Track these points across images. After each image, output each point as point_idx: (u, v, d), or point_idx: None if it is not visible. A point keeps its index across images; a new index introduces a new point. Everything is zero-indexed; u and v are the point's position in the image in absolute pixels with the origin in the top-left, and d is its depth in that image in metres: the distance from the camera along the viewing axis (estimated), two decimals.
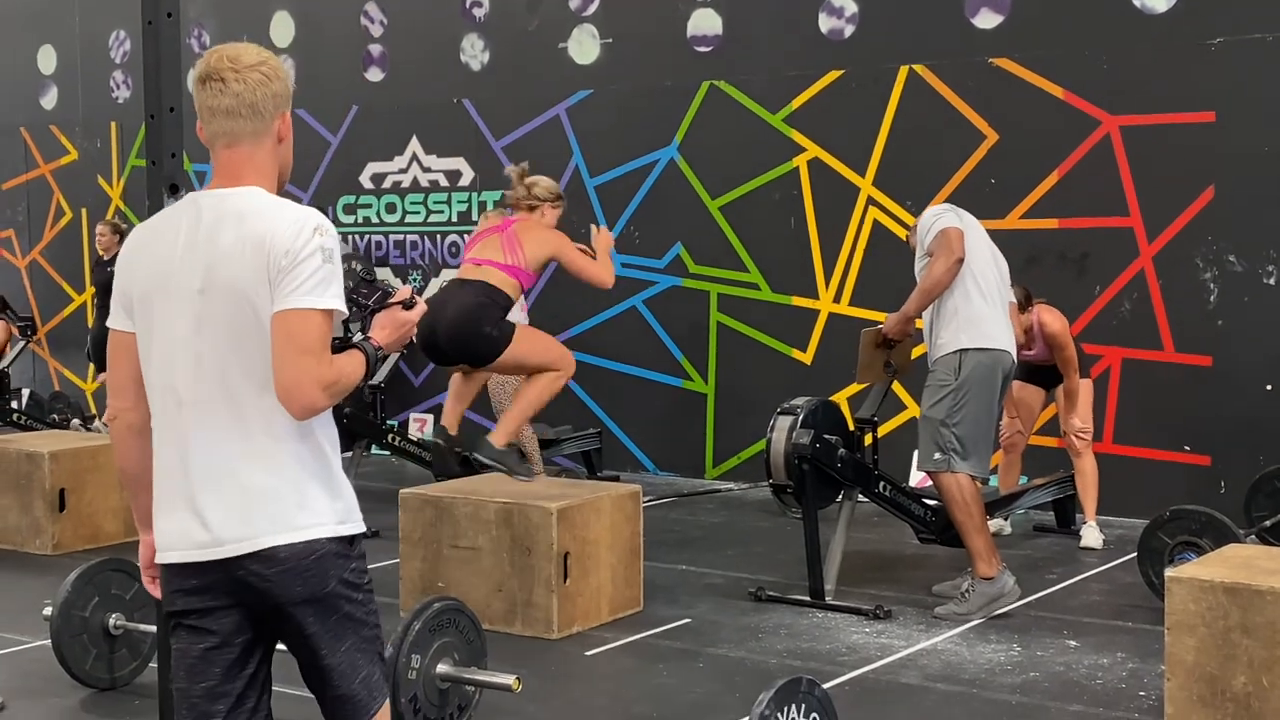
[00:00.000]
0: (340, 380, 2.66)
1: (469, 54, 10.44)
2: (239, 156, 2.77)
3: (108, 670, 5.05)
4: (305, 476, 2.70)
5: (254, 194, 2.74)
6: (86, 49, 12.60)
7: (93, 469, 7.59)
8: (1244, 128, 7.71)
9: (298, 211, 2.70)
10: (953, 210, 6.16)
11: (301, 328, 2.61)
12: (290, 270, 2.63)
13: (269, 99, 2.76)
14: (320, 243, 2.66)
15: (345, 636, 2.74)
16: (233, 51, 2.76)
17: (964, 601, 5.92)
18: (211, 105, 2.75)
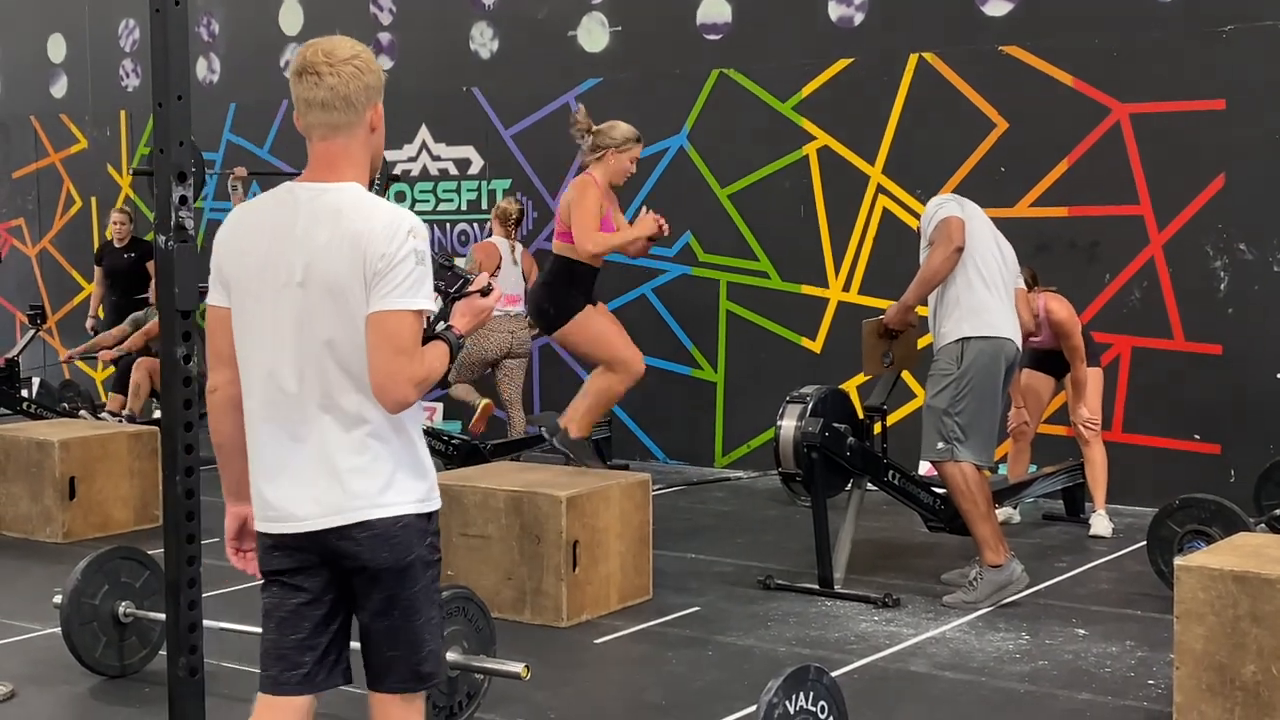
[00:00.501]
0: (430, 375, 2.84)
1: (478, 42, 10.43)
2: (335, 148, 2.88)
3: (118, 658, 5.07)
4: (394, 461, 2.87)
5: (350, 191, 2.86)
6: (96, 38, 12.61)
7: (103, 457, 7.61)
8: (1255, 115, 7.69)
9: (392, 213, 2.83)
10: (955, 200, 6.14)
11: (395, 328, 2.77)
12: (386, 273, 2.77)
13: (362, 91, 2.87)
14: (414, 246, 2.79)
15: (418, 606, 2.92)
16: (328, 45, 2.89)
17: (972, 590, 5.92)
18: (307, 98, 2.87)
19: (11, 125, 13.28)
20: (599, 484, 5.97)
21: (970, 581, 5.96)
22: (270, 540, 2.93)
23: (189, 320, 3.39)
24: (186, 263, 3.39)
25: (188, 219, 3.39)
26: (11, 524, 7.61)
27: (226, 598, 6.10)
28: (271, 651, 2.95)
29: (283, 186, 2.92)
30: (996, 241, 6.16)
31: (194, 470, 3.48)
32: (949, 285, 5.98)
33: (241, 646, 5.15)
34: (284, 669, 2.94)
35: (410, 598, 2.91)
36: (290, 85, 2.92)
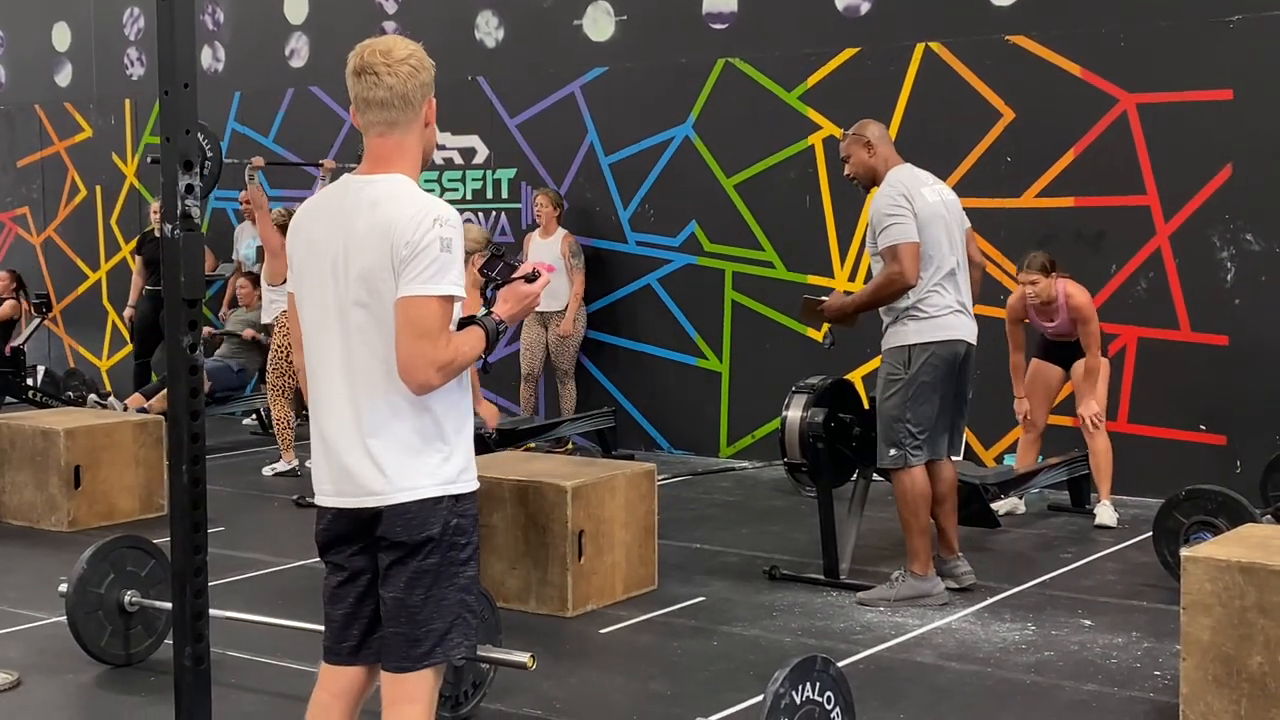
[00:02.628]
0: (456, 359, 2.93)
1: (483, 31, 10.41)
2: (389, 144, 3.03)
3: (123, 647, 5.07)
4: (421, 442, 2.98)
5: (392, 182, 2.99)
6: (101, 26, 12.60)
7: (108, 446, 7.61)
8: (1262, 106, 7.66)
9: (421, 203, 2.93)
10: (905, 199, 5.68)
11: (419, 313, 2.88)
12: (411, 259, 2.88)
13: (418, 89, 3.01)
14: (439, 233, 2.89)
15: (441, 582, 2.99)
16: (384, 45, 3.01)
17: (892, 587, 5.86)
18: (366, 97, 3.01)
19: (16, 114, 13.28)
20: (604, 474, 5.97)
21: (893, 579, 5.91)
22: (319, 516, 3.12)
23: (195, 309, 3.38)
24: (193, 251, 3.38)
25: (194, 207, 3.39)
26: (17, 512, 7.61)
27: (232, 586, 6.11)
28: (327, 625, 3.15)
29: (343, 178, 3.09)
30: (945, 224, 5.79)
31: (200, 459, 3.48)
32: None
33: (247, 635, 5.16)
34: (335, 640, 3.13)
35: (416, 573, 2.98)
36: (348, 84, 3.05)
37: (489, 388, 10.42)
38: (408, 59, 3.00)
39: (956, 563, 6.03)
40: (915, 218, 5.67)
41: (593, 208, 9.94)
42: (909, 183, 5.78)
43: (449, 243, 2.91)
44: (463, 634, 3.05)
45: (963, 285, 5.86)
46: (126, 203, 12.55)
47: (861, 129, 5.92)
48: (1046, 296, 7.18)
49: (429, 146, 3.11)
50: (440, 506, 2.99)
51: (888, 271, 5.68)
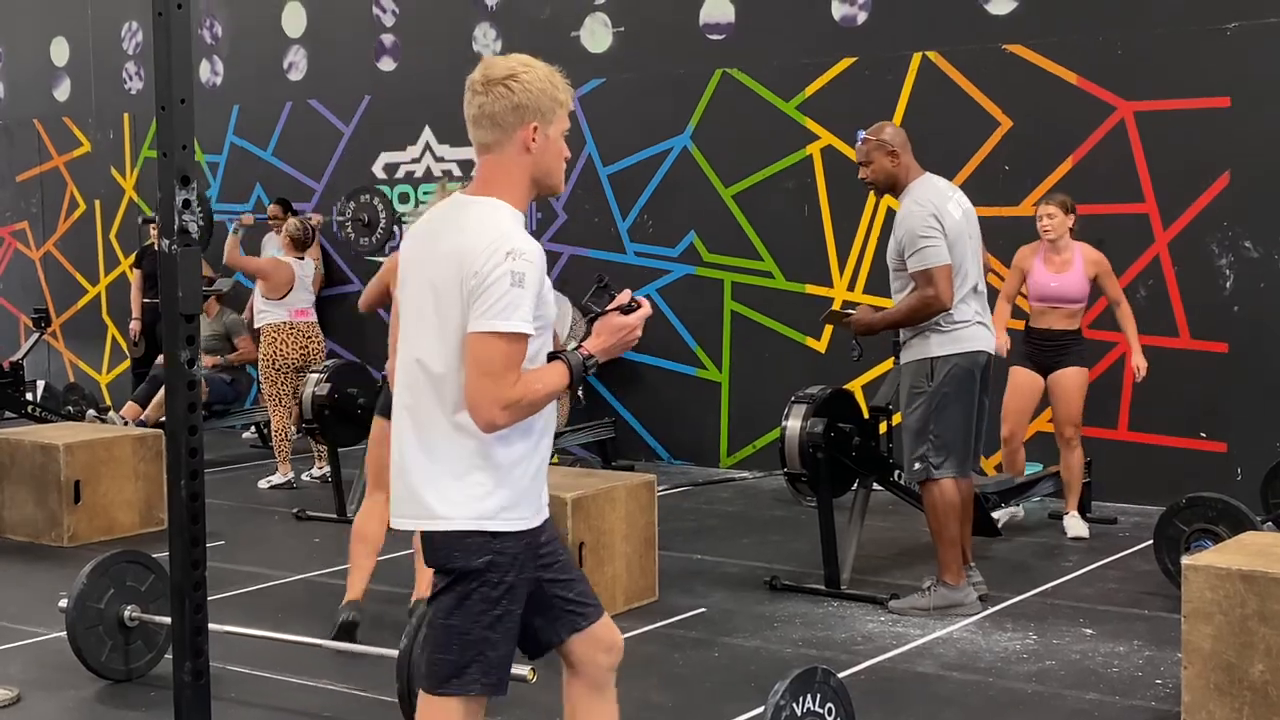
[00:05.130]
0: (525, 398, 2.86)
1: (481, 43, 10.42)
2: (488, 164, 3.01)
3: (123, 662, 5.06)
4: (464, 471, 2.93)
5: (484, 206, 2.96)
6: (99, 41, 12.62)
7: (108, 460, 7.60)
8: (1259, 113, 7.67)
9: (498, 233, 2.87)
10: (936, 219, 5.65)
11: (484, 351, 2.83)
12: (480, 292, 2.83)
13: (509, 111, 2.95)
14: (510, 267, 2.82)
15: (466, 616, 2.95)
16: (489, 64, 3.01)
17: (925, 596, 5.86)
18: (466, 114, 3.03)
19: (15, 128, 13.29)
20: (605, 485, 5.96)
21: (925, 589, 5.91)
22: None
23: (192, 324, 3.38)
24: (190, 266, 3.38)
25: (191, 223, 3.39)
26: (16, 527, 7.60)
27: (231, 600, 6.10)
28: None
29: (454, 194, 3.10)
30: (970, 236, 5.81)
31: (199, 474, 3.47)
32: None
33: (246, 650, 5.16)
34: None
35: (447, 600, 2.98)
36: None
37: None
38: (505, 79, 2.96)
39: (969, 573, 6.02)
40: (945, 237, 5.65)
41: (591, 219, 9.95)
42: (937, 201, 5.74)
43: (521, 277, 2.83)
44: (482, 672, 2.99)
45: (982, 297, 5.89)
46: (125, 217, 12.56)
47: (881, 134, 5.86)
48: (1059, 234, 7.14)
49: (541, 174, 3.02)
50: (470, 540, 2.94)
51: (923, 294, 5.65)
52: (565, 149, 3.07)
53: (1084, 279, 7.19)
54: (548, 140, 2.99)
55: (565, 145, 3.07)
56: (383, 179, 10.99)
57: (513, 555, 2.96)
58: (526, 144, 2.97)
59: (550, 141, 3.00)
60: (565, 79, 3.06)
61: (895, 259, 5.83)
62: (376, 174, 11.00)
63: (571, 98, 3.06)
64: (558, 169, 3.05)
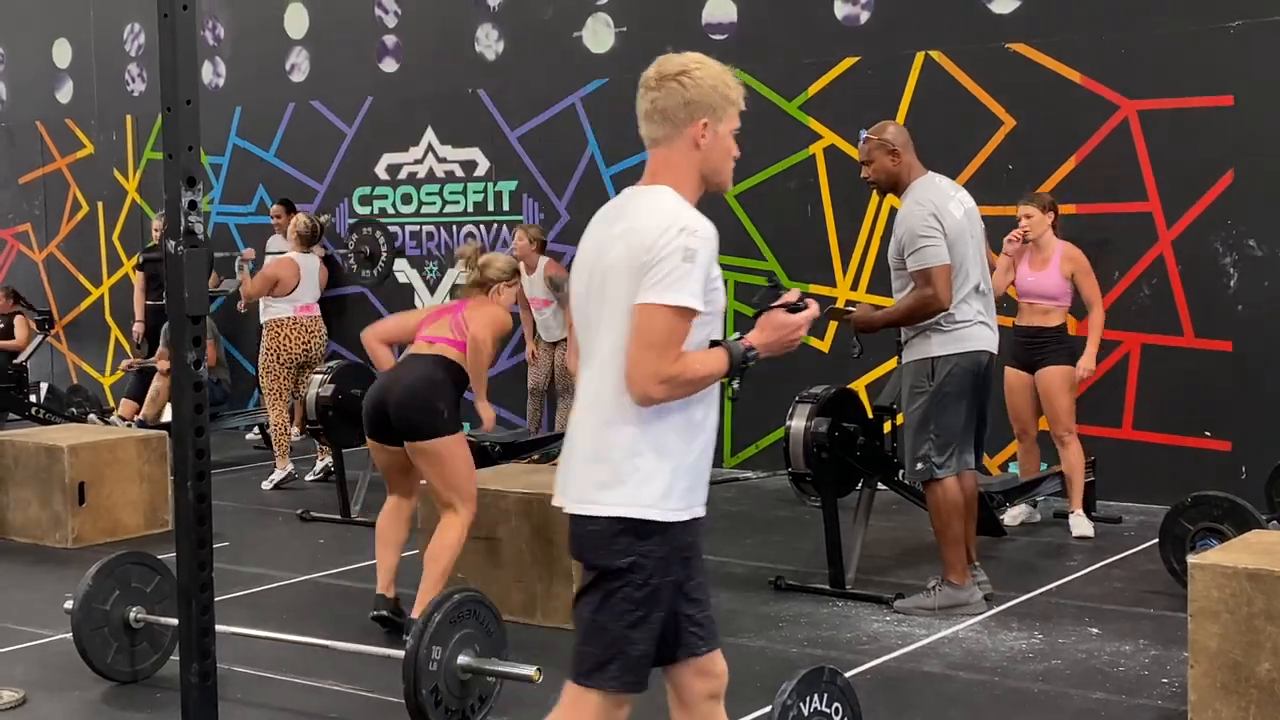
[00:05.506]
0: (683, 375, 2.84)
1: (483, 44, 10.42)
2: (657, 158, 3.05)
3: (129, 663, 5.06)
4: (621, 457, 2.91)
5: (655, 193, 2.99)
6: (101, 42, 12.62)
7: (112, 462, 7.60)
8: (1263, 111, 7.67)
9: (671, 213, 2.91)
10: (936, 219, 5.63)
11: (648, 322, 2.84)
12: (651, 266, 2.84)
13: (680, 107, 2.98)
14: (682, 242, 2.84)
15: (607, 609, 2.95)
16: (663, 61, 3.03)
17: (930, 596, 5.86)
18: (638, 110, 3.06)
19: (17, 131, 13.30)
20: None
21: (930, 589, 5.90)
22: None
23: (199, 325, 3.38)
24: (196, 268, 3.38)
25: (197, 224, 3.39)
26: (21, 529, 7.61)
27: (236, 601, 6.10)
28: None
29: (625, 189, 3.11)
30: (972, 235, 5.77)
31: (205, 475, 3.47)
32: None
33: (251, 651, 5.16)
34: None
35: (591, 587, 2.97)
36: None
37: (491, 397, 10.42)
38: (678, 75, 2.99)
39: (974, 572, 6.02)
40: (945, 237, 5.65)
41: None
42: (938, 200, 5.73)
43: (692, 253, 2.85)
44: (621, 670, 3.01)
45: (986, 297, 5.87)
46: (128, 219, 12.56)
47: (883, 133, 5.86)
48: (1038, 234, 7.19)
49: (710, 171, 3.04)
50: (619, 535, 2.92)
51: (921, 294, 5.65)
52: (735, 147, 3.07)
53: (1060, 276, 7.23)
54: (717, 137, 3.02)
55: (735, 144, 3.08)
56: (385, 180, 10.99)
57: (658, 558, 2.94)
58: (696, 140, 3.00)
59: (719, 138, 3.03)
60: (737, 78, 3.07)
61: (896, 258, 5.83)
62: (379, 175, 11.01)
63: (742, 96, 3.06)
64: (726, 166, 3.08)
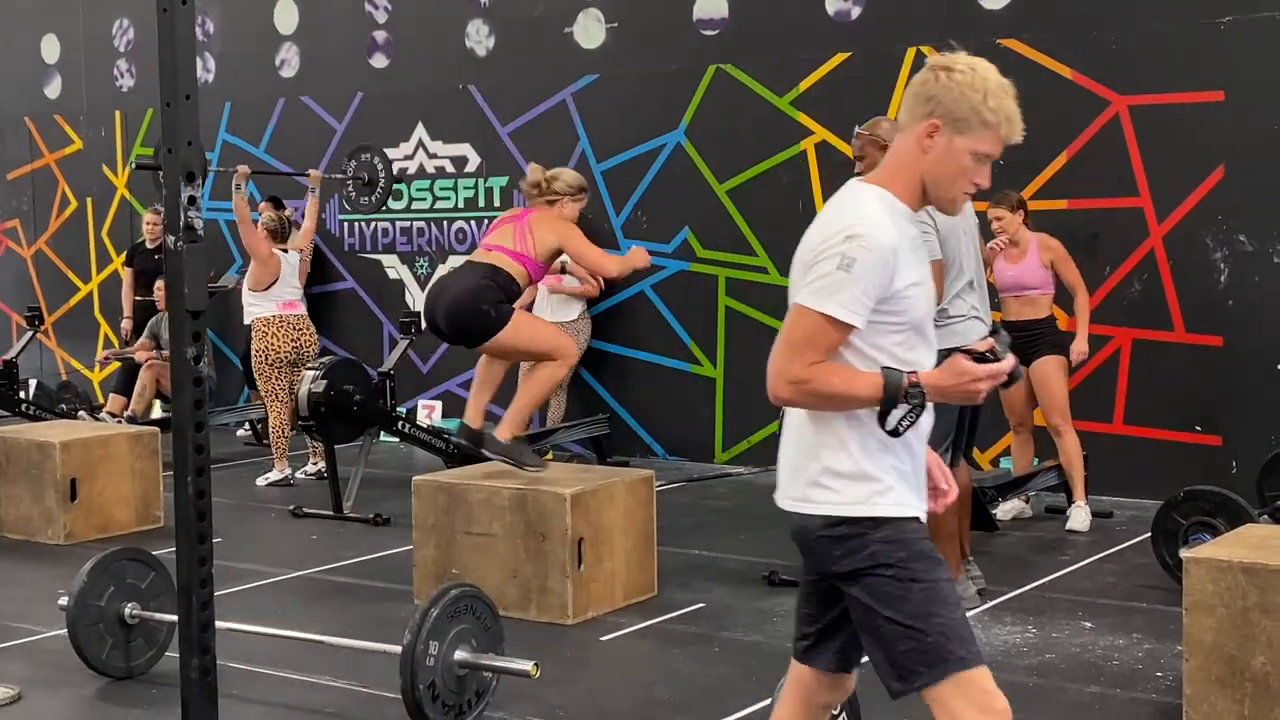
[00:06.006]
0: (813, 383, 2.74)
1: (474, 39, 10.42)
2: (893, 146, 2.90)
3: (124, 659, 5.05)
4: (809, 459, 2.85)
5: (854, 192, 2.86)
6: (90, 38, 12.58)
7: (104, 458, 7.59)
8: (1253, 107, 7.69)
9: (847, 214, 2.78)
10: (929, 214, 5.48)
11: (793, 320, 2.77)
12: (811, 267, 2.75)
13: (921, 100, 2.81)
14: (843, 249, 2.71)
15: (867, 605, 2.81)
16: (949, 54, 2.86)
17: None
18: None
19: (6, 126, 13.25)
20: (603, 481, 5.97)
21: None
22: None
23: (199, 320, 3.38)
24: (196, 263, 3.38)
25: (196, 219, 3.38)
26: (13, 526, 7.59)
27: (231, 597, 6.10)
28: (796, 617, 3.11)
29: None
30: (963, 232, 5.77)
31: (205, 470, 3.47)
32: None
33: (246, 647, 5.15)
34: (796, 635, 3.09)
35: (857, 612, 2.85)
36: None
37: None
38: (939, 68, 2.81)
39: (967, 567, 6.03)
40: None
41: (585, 215, 9.90)
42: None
43: (850, 263, 2.69)
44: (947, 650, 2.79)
45: (980, 292, 5.89)
46: (117, 214, 12.53)
47: (876, 129, 5.88)
48: (1012, 232, 7.27)
49: (933, 180, 2.83)
50: (843, 530, 2.81)
51: None
52: (980, 174, 2.83)
53: (1039, 265, 7.31)
54: (950, 149, 2.79)
55: (982, 171, 2.83)
56: None
57: (885, 537, 2.79)
58: (922, 140, 2.81)
59: (953, 153, 2.79)
60: (1011, 102, 2.80)
61: None
62: None
63: (1009, 122, 2.79)
64: (955, 185, 2.84)
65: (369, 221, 11.03)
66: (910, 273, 2.78)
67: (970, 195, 2.89)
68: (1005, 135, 2.80)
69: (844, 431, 2.81)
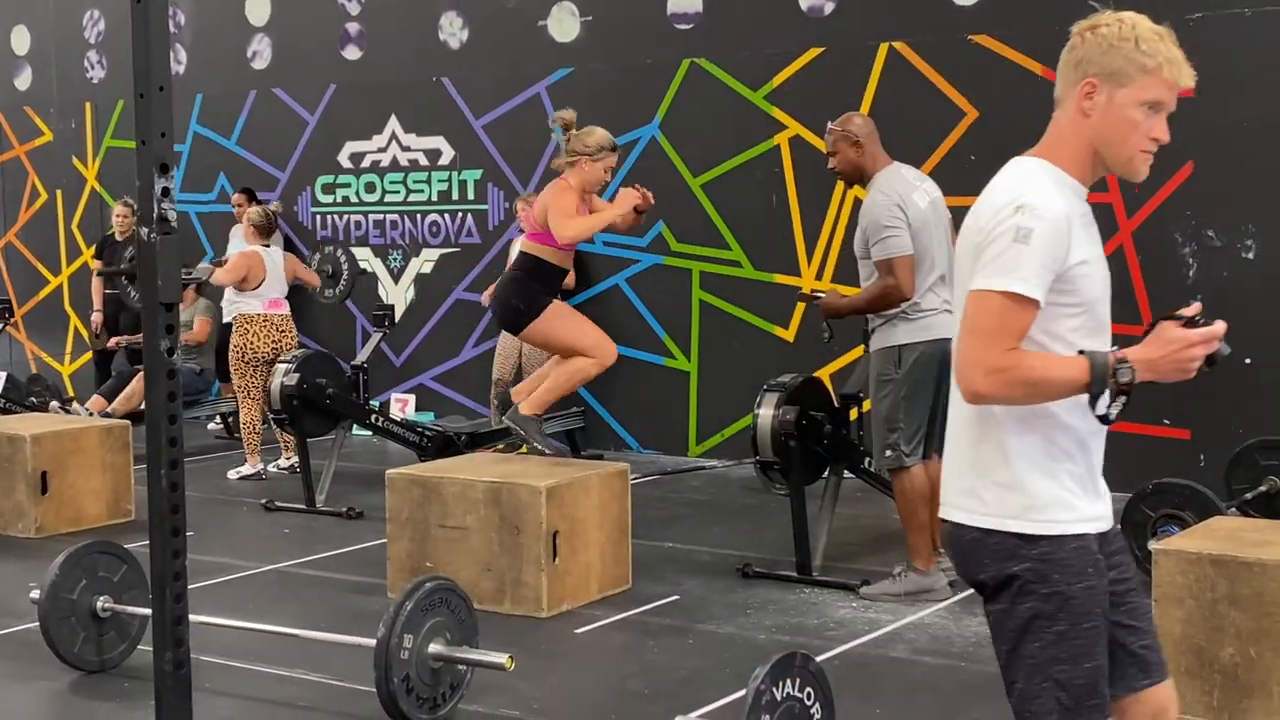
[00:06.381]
0: (1015, 370, 2.48)
1: (447, 32, 10.39)
2: (1052, 122, 2.72)
3: (96, 653, 5.04)
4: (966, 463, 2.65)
5: (1016, 166, 2.69)
6: (60, 29, 12.49)
7: (75, 451, 7.55)
8: (1222, 103, 7.74)
9: (1013, 187, 2.60)
10: (900, 209, 5.69)
11: (975, 308, 2.54)
12: (984, 249, 2.56)
13: (1071, 66, 2.65)
14: (1015, 222, 2.52)
15: (1001, 635, 2.64)
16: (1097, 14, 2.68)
17: (895, 582, 5.90)
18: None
19: None
20: (578, 474, 5.98)
21: (895, 575, 5.95)
22: None
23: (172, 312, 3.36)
24: (169, 255, 3.36)
25: (170, 210, 3.36)
26: None
27: (203, 591, 6.08)
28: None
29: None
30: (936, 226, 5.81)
31: (179, 463, 3.45)
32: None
33: (219, 640, 5.14)
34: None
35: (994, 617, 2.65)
36: None
37: (456, 387, 10.44)
38: (1085, 30, 2.64)
39: (939, 559, 6.06)
40: (909, 227, 5.70)
41: None
42: (902, 190, 5.77)
43: (1027, 233, 2.49)
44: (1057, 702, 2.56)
45: (952, 286, 5.87)
46: (87, 207, 12.45)
47: (848, 125, 5.91)
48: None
49: (1103, 143, 2.64)
50: (995, 543, 2.58)
51: (884, 284, 5.70)
52: (1150, 127, 2.61)
53: None
54: (1112, 105, 2.60)
55: (1155, 123, 2.61)
56: (349, 168, 10.94)
57: (1058, 561, 2.55)
58: (1081, 104, 2.63)
59: (1116, 107, 2.59)
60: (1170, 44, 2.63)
61: (861, 248, 5.88)
62: (342, 163, 10.96)
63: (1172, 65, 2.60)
64: (1127, 143, 2.62)
65: (342, 214, 11.00)
66: (1083, 249, 2.60)
67: (1151, 153, 2.67)
68: (1170, 78, 2.60)
69: (1007, 438, 2.60)
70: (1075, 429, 2.61)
